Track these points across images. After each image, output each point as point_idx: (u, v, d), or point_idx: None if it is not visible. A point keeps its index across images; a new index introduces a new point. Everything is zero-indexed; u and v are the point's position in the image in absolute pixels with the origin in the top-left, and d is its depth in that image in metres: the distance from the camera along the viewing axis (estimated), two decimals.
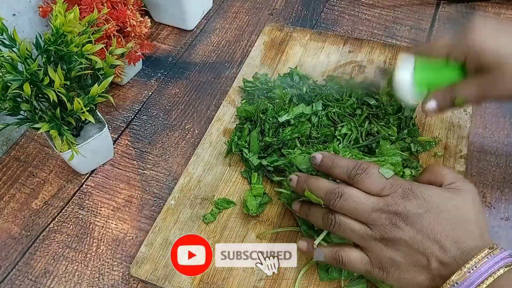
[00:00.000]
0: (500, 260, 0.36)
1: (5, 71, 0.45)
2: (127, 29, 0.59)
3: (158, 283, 0.46)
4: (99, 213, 0.55)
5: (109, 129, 0.61)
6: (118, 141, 0.61)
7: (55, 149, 0.51)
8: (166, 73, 0.69)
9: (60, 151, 0.50)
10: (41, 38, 0.48)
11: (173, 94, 0.66)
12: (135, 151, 0.60)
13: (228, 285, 0.46)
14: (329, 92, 0.57)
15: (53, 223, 0.54)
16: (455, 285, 0.36)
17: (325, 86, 0.59)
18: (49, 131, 0.48)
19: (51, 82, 0.46)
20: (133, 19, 0.59)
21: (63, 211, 0.55)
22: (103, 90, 0.50)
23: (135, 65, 0.64)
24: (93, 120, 0.49)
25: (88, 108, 0.49)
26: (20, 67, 0.46)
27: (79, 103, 0.47)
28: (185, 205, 0.52)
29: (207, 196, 0.52)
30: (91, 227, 0.54)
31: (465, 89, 0.44)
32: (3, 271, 0.51)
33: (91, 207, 0.55)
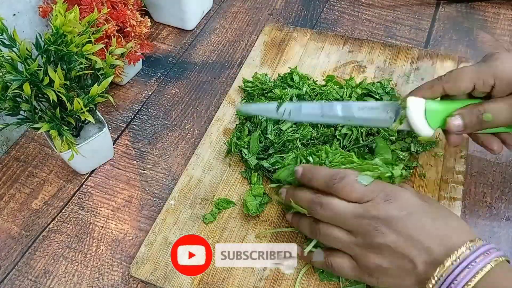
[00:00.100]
0: (484, 252, 0.36)
1: (5, 71, 0.45)
2: (127, 29, 0.59)
3: (158, 283, 0.46)
4: (99, 213, 0.55)
5: (109, 129, 0.61)
6: (118, 141, 0.61)
7: (55, 149, 0.51)
8: (166, 73, 0.69)
9: (60, 151, 0.50)
10: (41, 38, 0.48)
11: (173, 94, 0.66)
12: (135, 151, 0.60)
13: (228, 285, 0.46)
14: (329, 92, 0.57)
15: (53, 223, 0.54)
16: (440, 280, 0.36)
17: (325, 86, 0.59)
18: (49, 131, 0.48)
19: (51, 82, 0.46)
20: (133, 19, 0.59)
21: (63, 211, 0.55)
22: (103, 90, 0.50)
23: (135, 65, 0.64)
24: (93, 120, 0.49)
25: (88, 108, 0.49)
26: (20, 67, 0.46)
27: (79, 103, 0.47)
28: (185, 205, 0.52)
29: (207, 196, 0.52)
30: (91, 227, 0.54)
31: (496, 105, 0.43)
32: (3, 271, 0.51)
33: (91, 207, 0.55)
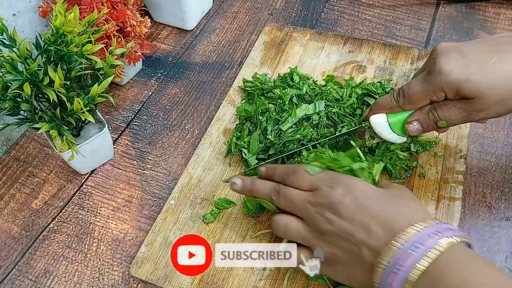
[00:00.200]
0: (432, 233, 0.33)
1: (5, 71, 0.45)
2: (127, 29, 0.59)
3: (158, 283, 0.46)
4: (99, 213, 0.55)
5: (109, 129, 0.61)
6: (118, 141, 0.61)
7: (55, 149, 0.51)
8: (166, 73, 0.69)
9: (60, 151, 0.50)
10: (41, 38, 0.48)
11: (173, 94, 0.66)
12: (135, 151, 0.60)
13: (228, 285, 0.46)
14: (329, 92, 0.57)
15: (53, 223, 0.54)
16: (386, 265, 0.34)
17: (325, 86, 0.59)
18: (49, 131, 0.48)
19: (51, 82, 0.46)
20: (133, 19, 0.59)
21: (63, 211, 0.55)
22: (103, 90, 0.50)
23: (135, 65, 0.64)
24: (93, 120, 0.49)
25: (88, 108, 0.49)
26: (20, 67, 0.46)
27: (79, 103, 0.47)
28: (185, 205, 0.52)
29: (207, 196, 0.52)
30: (91, 227, 0.54)
31: (448, 112, 0.43)
32: (3, 271, 0.51)
33: (91, 207, 0.55)
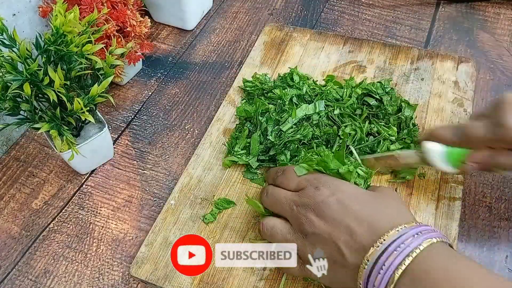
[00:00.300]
0: (414, 233, 0.34)
1: (5, 71, 0.45)
2: (127, 29, 0.59)
3: (158, 283, 0.46)
4: (99, 213, 0.55)
5: (109, 129, 0.61)
6: (118, 141, 0.61)
7: (55, 149, 0.51)
8: (166, 73, 0.69)
9: (60, 151, 0.50)
10: (41, 38, 0.48)
11: (173, 94, 0.66)
12: (135, 151, 0.60)
13: (228, 285, 0.46)
14: (329, 92, 0.57)
15: (53, 223, 0.54)
16: (367, 267, 0.34)
17: (325, 86, 0.59)
18: (49, 131, 0.48)
19: (51, 82, 0.46)
20: (133, 19, 0.59)
21: (63, 211, 0.55)
22: (103, 90, 0.50)
23: (135, 65, 0.64)
24: (93, 120, 0.49)
25: (88, 108, 0.49)
26: (20, 67, 0.46)
27: (79, 103, 0.47)
28: (185, 205, 0.52)
29: (207, 196, 0.52)
30: (91, 227, 0.54)
31: (508, 161, 0.42)
32: (3, 271, 0.51)
33: (91, 207, 0.55)
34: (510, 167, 0.43)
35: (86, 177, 0.58)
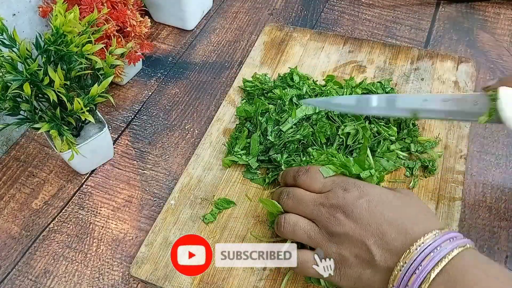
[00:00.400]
0: (449, 238, 0.35)
1: (5, 71, 0.45)
2: (127, 29, 0.59)
3: (158, 283, 0.46)
4: (99, 213, 0.55)
5: (109, 129, 0.61)
6: (118, 141, 0.61)
7: (55, 149, 0.51)
8: (166, 73, 0.69)
9: (60, 151, 0.50)
10: (41, 38, 0.48)
11: (173, 94, 0.66)
12: (135, 151, 0.60)
13: (228, 285, 0.46)
14: (329, 92, 0.57)
15: (53, 223, 0.54)
16: (403, 268, 0.35)
17: (325, 86, 0.59)
18: (49, 131, 0.48)
19: (51, 82, 0.46)
20: (133, 19, 0.59)
21: (63, 211, 0.55)
22: (103, 90, 0.50)
23: (135, 65, 0.64)
24: (93, 120, 0.49)
25: (88, 108, 0.49)
26: (20, 67, 0.46)
27: (79, 103, 0.47)
28: (185, 205, 0.52)
29: (207, 196, 0.52)
30: (91, 227, 0.54)
31: None
32: (3, 271, 0.51)
33: (91, 207, 0.55)
34: None
35: (86, 177, 0.58)
